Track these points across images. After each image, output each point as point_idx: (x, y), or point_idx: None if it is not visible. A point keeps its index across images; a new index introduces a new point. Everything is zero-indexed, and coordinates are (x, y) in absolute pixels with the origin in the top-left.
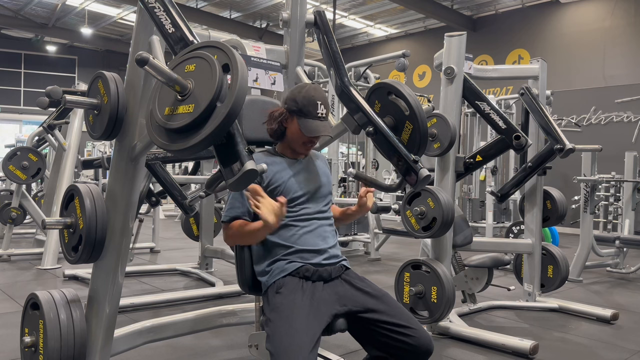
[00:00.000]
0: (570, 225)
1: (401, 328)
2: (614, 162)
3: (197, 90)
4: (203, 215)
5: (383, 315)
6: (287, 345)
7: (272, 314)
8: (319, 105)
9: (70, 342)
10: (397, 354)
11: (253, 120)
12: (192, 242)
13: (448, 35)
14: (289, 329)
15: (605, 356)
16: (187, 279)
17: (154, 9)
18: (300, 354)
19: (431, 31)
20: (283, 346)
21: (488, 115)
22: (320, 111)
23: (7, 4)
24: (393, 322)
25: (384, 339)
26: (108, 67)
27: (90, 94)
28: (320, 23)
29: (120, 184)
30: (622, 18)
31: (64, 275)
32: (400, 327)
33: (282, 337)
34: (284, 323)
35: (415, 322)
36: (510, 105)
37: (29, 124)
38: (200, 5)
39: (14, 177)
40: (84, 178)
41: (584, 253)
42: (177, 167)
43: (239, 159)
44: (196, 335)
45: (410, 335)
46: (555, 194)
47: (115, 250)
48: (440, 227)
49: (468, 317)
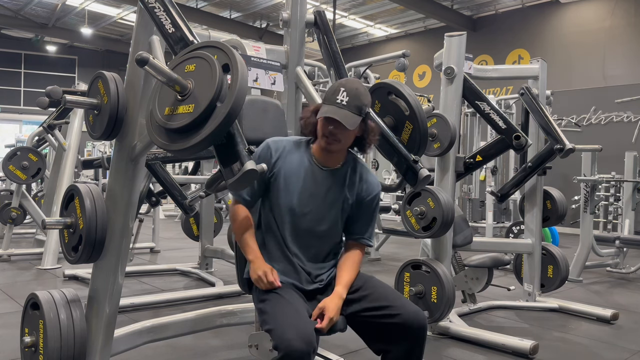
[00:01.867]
0: (570, 225)
1: (384, 310)
2: (614, 162)
3: (197, 90)
4: (203, 215)
5: (365, 302)
6: (285, 312)
7: (261, 303)
8: (340, 92)
9: (70, 342)
10: (391, 339)
11: (253, 120)
12: (192, 242)
13: (448, 35)
14: (282, 300)
15: (605, 356)
16: (187, 279)
17: (154, 9)
18: (300, 318)
19: (431, 31)
20: (281, 316)
21: (488, 115)
22: (340, 97)
23: (7, 4)
24: (375, 306)
25: (373, 327)
26: (108, 67)
27: (90, 94)
28: (320, 23)
29: (120, 184)
30: (622, 18)
31: (64, 275)
32: (383, 309)
33: (276, 310)
34: (276, 301)
35: (398, 298)
36: (510, 105)
37: (29, 124)
38: (200, 5)
39: (14, 177)
40: (84, 178)
41: (584, 253)
42: (177, 167)
43: (239, 159)
44: (196, 335)
45: (395, 314)
46: (555, 194)
47: (115, 250)
48: (440, 227)
49: (468, 317)
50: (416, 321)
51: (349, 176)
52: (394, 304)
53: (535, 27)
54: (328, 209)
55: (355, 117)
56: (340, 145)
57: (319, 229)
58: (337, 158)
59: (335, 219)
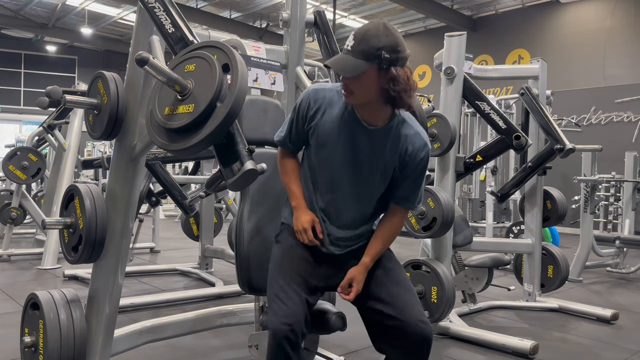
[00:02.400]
0: (570, 225)
1: (389, 309)
2: (614, 162)
3: (197, 90)
4: (203, 215)
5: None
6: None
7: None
8: (350, 38)
9: (70, 342)
10: (392, 342)
11: (253, 120)
12: (192, 242)
13: (448, 35)
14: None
15: (605, 356)
16: (187, 279)
17: (154, 9)
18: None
19: (431, 31)
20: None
21: (488, 115)
22: (347, 43)
23: (7, 4)
24: (382, 302)
25: (377, 324)
26: (108, 67)
27: (90, 94)
28: (320, 23)
29: (120, 184)
30: (622, 18)
31: (64, 275)
32: (389, 308)
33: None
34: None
35: (409, 302)
36: (510, 105)
37: (29, 124)
38: (200, 5)
39: (14, 177)
40: (84, 178)
41: (584, 253)
42: (177, 167)
43: (239, 159)
44: (196, 335)
45: (398, 318)
46: (556, 194)
47: (115, 250)
48: (440, 227)
49: (468, 317)
50: (420, 332)
51: (393, 136)
52: (401, 308)
53: (535, 27)
54: (367, 172)
55: (357, 62)
56: (354, 97)
57: (355, 192)
58: (379, 114)
59: (374, 184)
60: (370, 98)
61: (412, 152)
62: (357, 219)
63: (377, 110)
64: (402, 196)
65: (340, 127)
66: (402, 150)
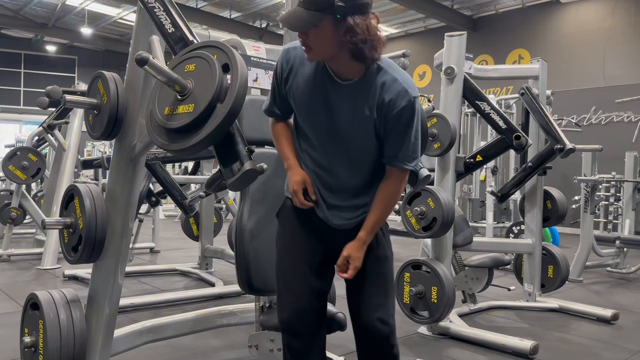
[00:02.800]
0: (570, 225)
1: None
2: (614, 162)
3: (197, 90)
4: (203, 215)
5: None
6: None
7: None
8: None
9: (70, 342)
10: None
11: (253, 120)
12: (192, 242)
13: (448, 35)
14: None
15: (605, 356)
16: (187, 279)
17: (153, 9)
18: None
19: (431, 31)
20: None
21: (488, 115)
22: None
23: (7, 4)
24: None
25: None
26: (108, 67)
27: (90, 94)
28: None
29: (120, 184)
30: (622, 18)
31: (64, 275)
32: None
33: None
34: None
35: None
36: (511, 105)
37: (29, 124)
38: (200, 5)
39: (14, 177)
40: (84, 178)
41: (584, 253)
42: (177, 167)
43: (239, 159)
44: (196, 335)
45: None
46: (556, 194)
47: (115, 250)
48: (440, 227)
49: (468, 317)
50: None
51: (368, 86)
52: (366, 304)
53: (535, 27)
54: (350, 131)
55: (306, 13)
56: (314, 53)
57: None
58: (351, 67)
59: (362, 144)
60: (330, 53)
61: (390, 102)
62: (353, 185)
63: (348, 64)
64: (392, 155)
65: (314, 86)
66: (379, 101)
